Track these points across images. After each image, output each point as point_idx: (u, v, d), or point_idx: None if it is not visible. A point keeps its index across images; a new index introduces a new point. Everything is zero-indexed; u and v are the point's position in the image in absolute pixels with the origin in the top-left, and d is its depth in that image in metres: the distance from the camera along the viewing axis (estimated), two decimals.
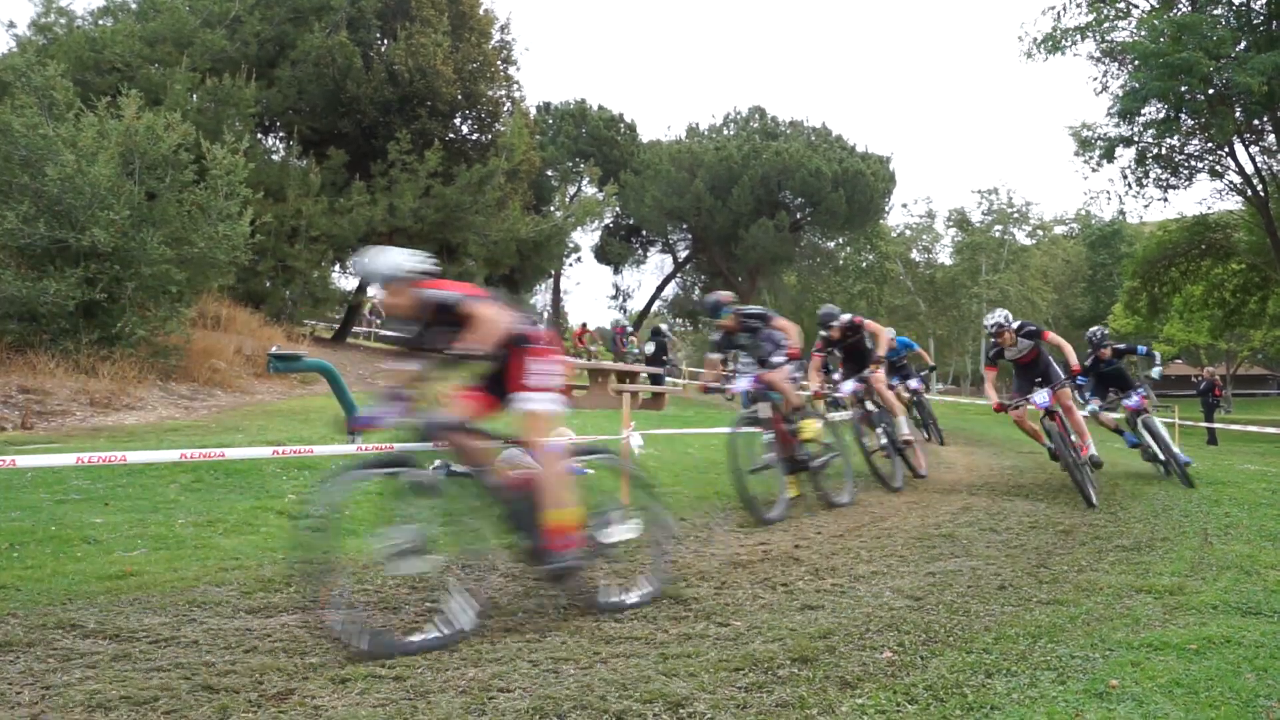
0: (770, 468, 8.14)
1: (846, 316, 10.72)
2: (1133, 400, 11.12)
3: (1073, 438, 9.21)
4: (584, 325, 32.45)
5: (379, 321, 29.22)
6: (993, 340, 9.71)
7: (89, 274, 12.74)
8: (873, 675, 3.70)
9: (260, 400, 14.91)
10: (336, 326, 27.50)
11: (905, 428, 10.56)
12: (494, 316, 4.58)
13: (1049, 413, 9.07)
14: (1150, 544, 6.68)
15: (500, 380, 4.85)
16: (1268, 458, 15.60)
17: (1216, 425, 24.15)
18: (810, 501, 8.52)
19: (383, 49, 24.01)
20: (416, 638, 4.10)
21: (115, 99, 14.47)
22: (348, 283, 26.82)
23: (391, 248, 4.80)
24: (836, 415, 10.71)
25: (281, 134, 24.06)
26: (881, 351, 10.41)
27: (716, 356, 9.29)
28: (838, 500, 8.53)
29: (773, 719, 3.22)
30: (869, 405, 10.29)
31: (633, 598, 4.91)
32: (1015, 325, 9.59)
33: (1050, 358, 9.95)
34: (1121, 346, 11.89)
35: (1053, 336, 9.87)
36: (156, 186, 13.92)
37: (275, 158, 23.11)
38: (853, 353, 10.81)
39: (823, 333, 10.73)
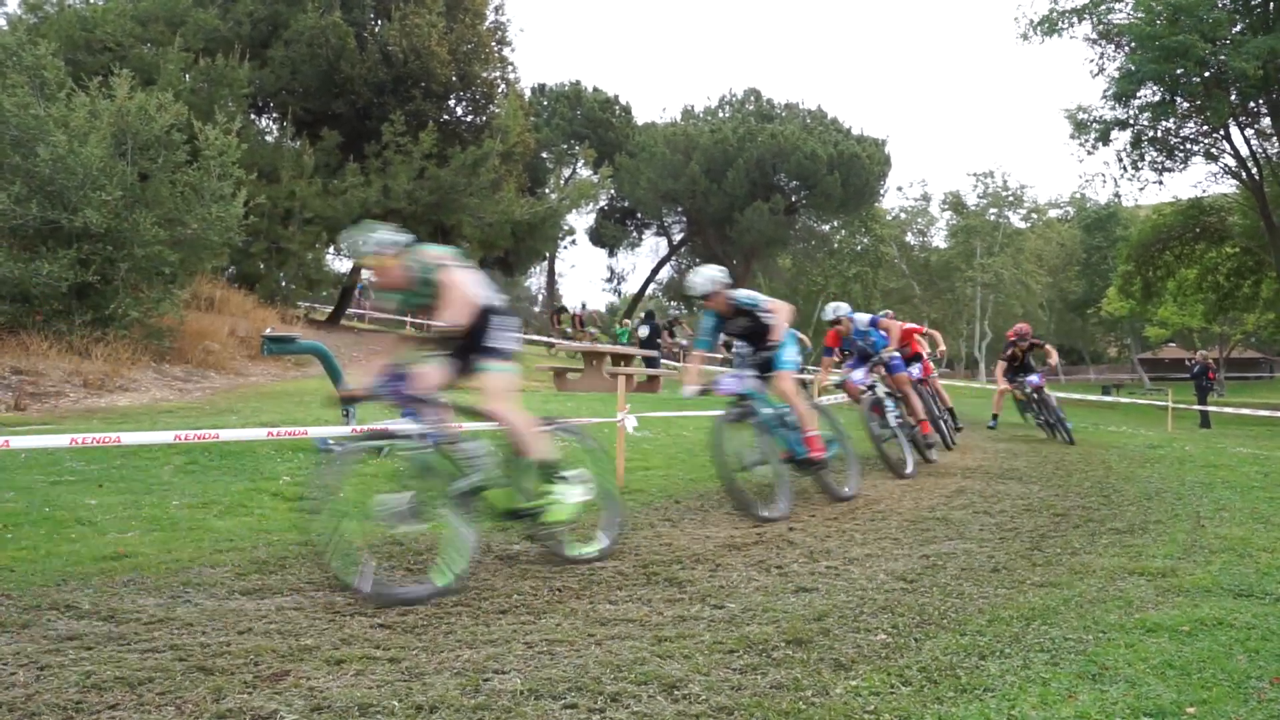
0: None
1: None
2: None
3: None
4: (583, 305, 32.38)
5: (368, 301, 29.09)
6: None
7: (82, 255, 12.69)
8: (867, 657, 3.71)
9: (254, 382, 14.89)
10: (331, 309, 27.44)
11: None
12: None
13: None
14: (1143, 527, 6.70)
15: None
16: (1260, 441, 15.65)
17: (1210, 408, 24.22)
18: (811, 494, 8.52)
19: (377, 29, 23.85)
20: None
21: (107, 79, 14.38)
22: (341, 265, 26.76)
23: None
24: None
25: (275, 115, 23.92)
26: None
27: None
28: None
29: (767, 701, 3.23)
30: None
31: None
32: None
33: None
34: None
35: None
36: (149, 167, 13.86)
37: (269, 139, 23.00)
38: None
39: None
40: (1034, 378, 14.04)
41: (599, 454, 6.17)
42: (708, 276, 7.70)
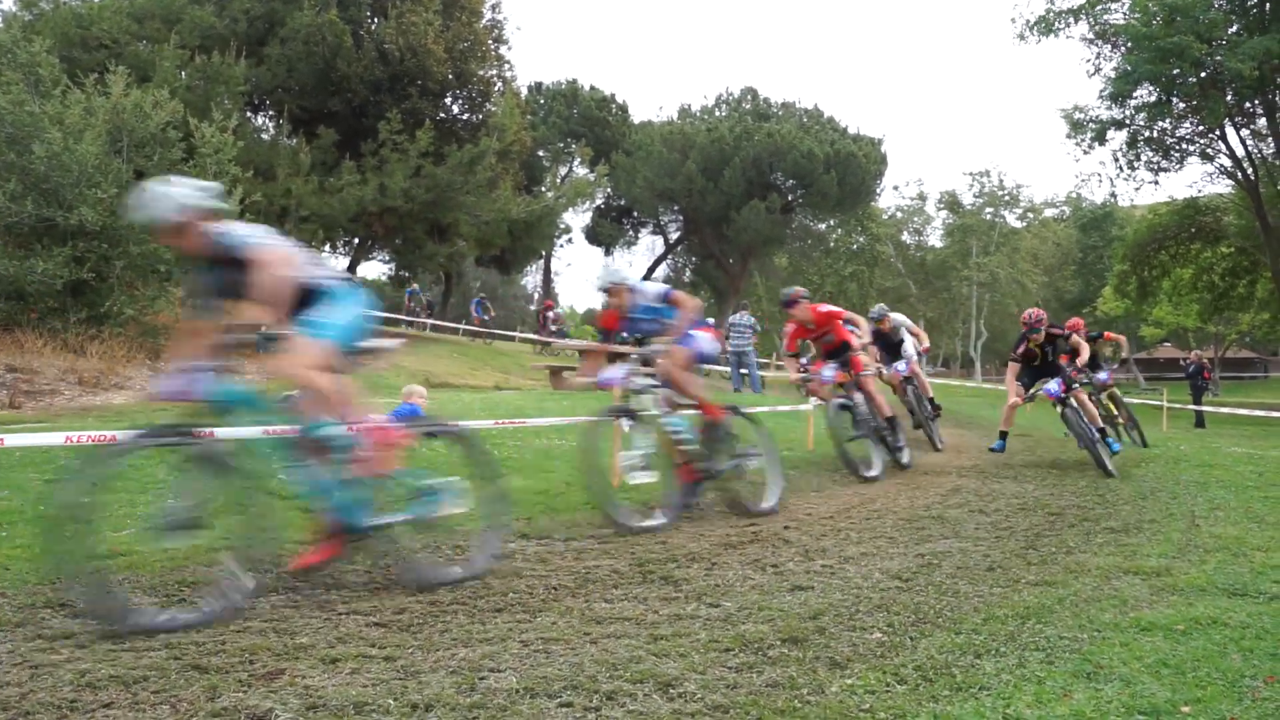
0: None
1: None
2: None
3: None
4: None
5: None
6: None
7: (77, 253, 12.66)
8: (862, 656, 3.71)
9: (250, 380, 14.85)
10: None
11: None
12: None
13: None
14: (1138, 526, 6.72)
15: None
16: (1255, 440, 15.68)
17: (1205, 408, 24.26)
18: (804, 491, 8.52)
19: (373, 27, 23.85)
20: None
21: (102, 76, 14.36)
22: (338, 263, 26.70)
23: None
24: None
25: (271, 112, 23.94)
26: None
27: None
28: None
29: (763, 699, 3.23)
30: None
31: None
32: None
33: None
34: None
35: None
36: (145, 165, 13.82)
37: (265, 136, 23.00)
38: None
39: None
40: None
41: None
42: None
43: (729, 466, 7.15)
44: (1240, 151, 31.01)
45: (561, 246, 45.24)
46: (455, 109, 25.83)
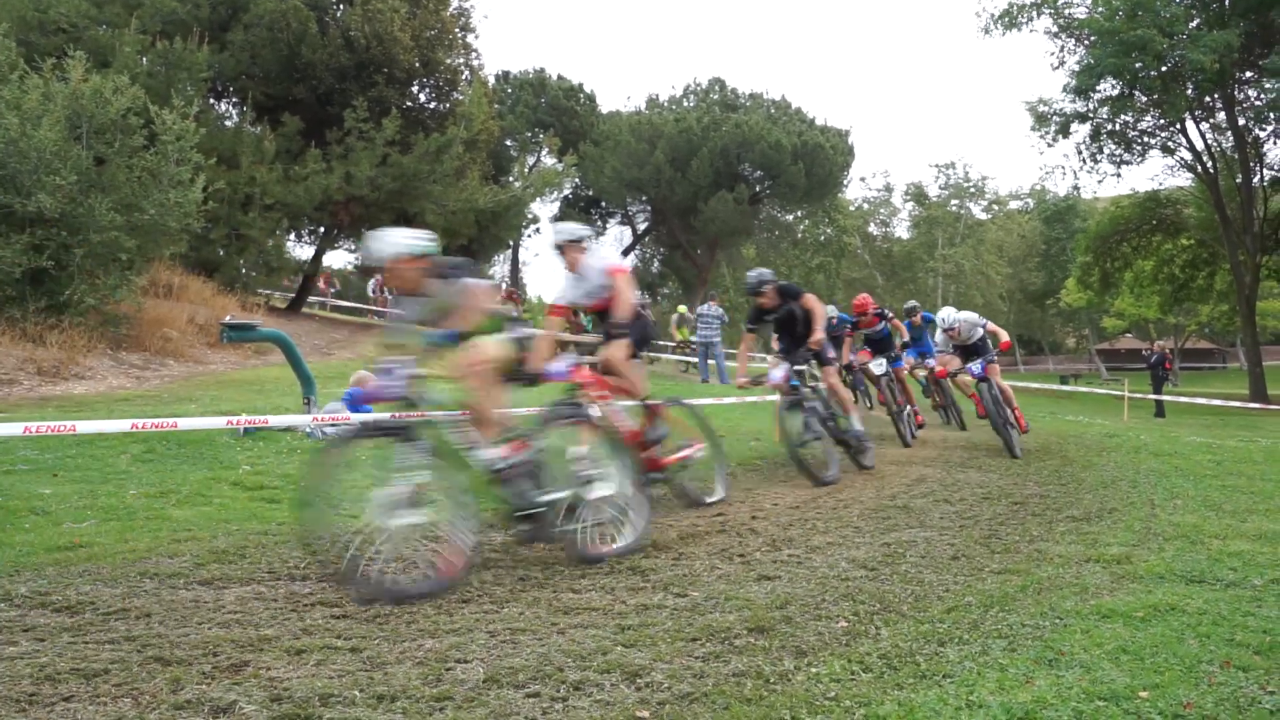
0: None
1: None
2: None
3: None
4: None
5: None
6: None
7: (36, 240, 12.45)
8: (828, 644, 3.74)
9: (214, 370, 14.72)
10: (292, 296, 27.16)
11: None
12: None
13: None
14: (1099, 515, 6.80)
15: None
16: (1213, 430, 15.94)
17: (1165, 398, 24.62)
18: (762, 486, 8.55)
19: (338, 14, 23.55)
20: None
21: (61, 61, 14.11)
22: (303, 251, 26.48)
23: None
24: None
25: (235, 99, 23.59)
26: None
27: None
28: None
29: (730, 688, 3.25)
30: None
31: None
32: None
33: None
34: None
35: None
36: (105, 151, 13.62)
37: (228, 123, 22.67)
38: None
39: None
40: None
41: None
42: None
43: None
44: (1200, 145, 31.54)
45: (529, 237, 45.02)
46: (422, 97, 25.60)
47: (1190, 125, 31.35)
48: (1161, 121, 31.51)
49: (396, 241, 5.00)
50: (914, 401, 12.50)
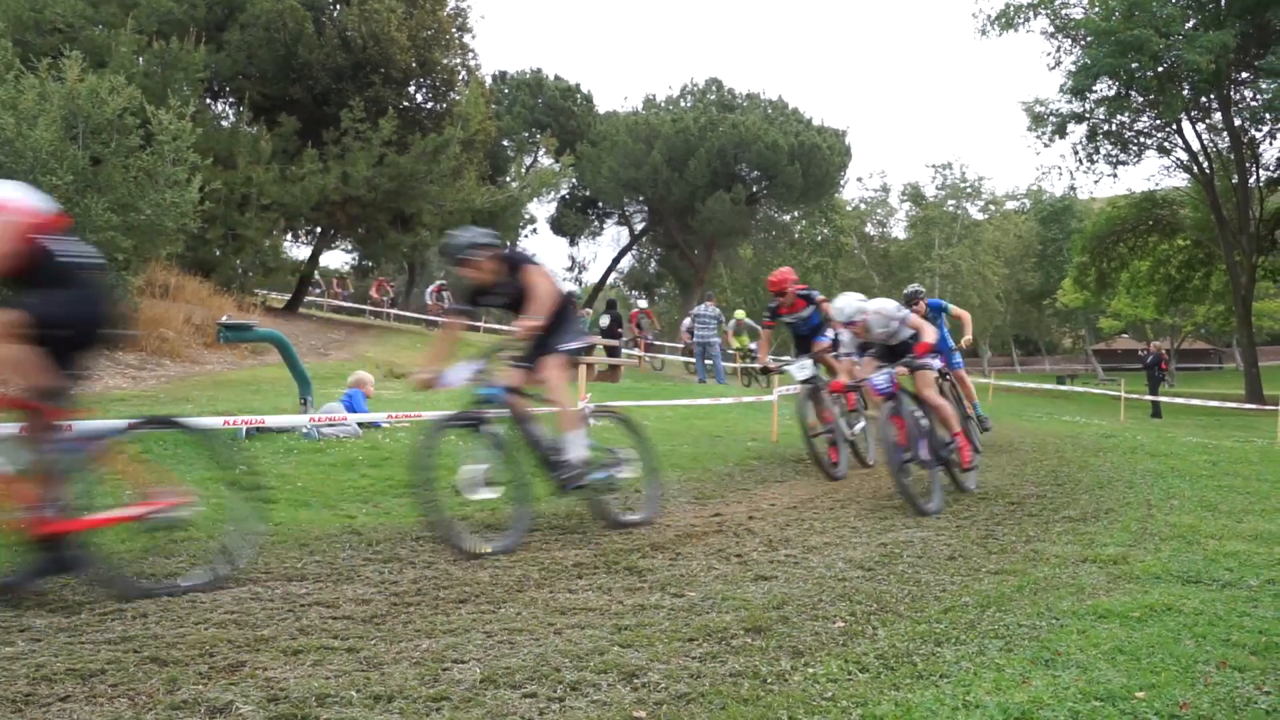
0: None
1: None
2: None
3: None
4: None
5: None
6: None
7: None
8: (825, 644, 3.74)
9: (210, 370, 14.70)
10: (289, 296, 27.13)
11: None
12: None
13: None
14: (1096, 515, 6.82)
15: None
16: (1209, 430, 15.97)
17: (1161, 399, 24.65)
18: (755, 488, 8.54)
19: (335, 14, 23.53)
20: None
21: (57, 61, 14.07)
22: (299, 251, 26.46)
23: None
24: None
25: (231, 99, 23.57)
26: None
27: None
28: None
29: (726, 688, 3.25)
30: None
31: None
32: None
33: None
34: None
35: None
36: (101, 151, 13.58)
37: (225, 124, 22.64)
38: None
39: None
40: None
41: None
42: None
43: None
44: (1196, 145, 31.60)
45: (526, 237, 44.86)
46: (419, 98, 25.59)
47: (1186, 126, 31.43)
48: (1157, 122, 31.55)
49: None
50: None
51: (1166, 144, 32.32)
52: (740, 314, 22.98)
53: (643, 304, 34.52)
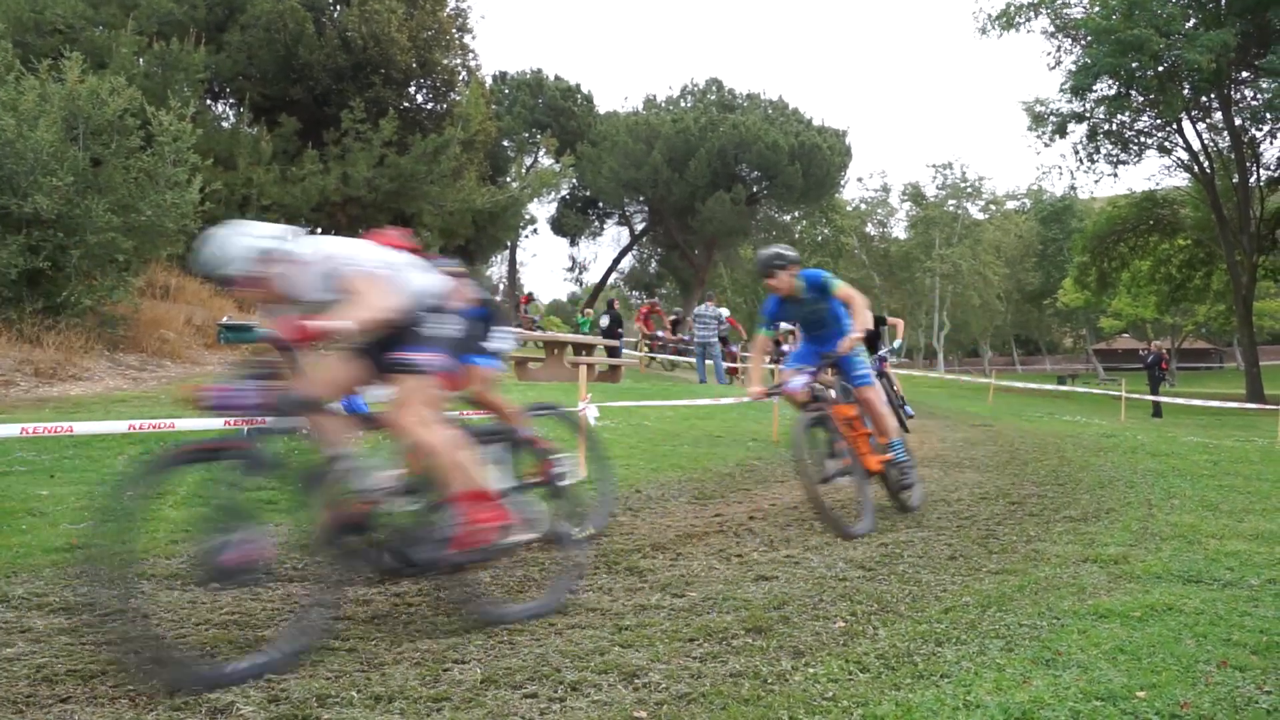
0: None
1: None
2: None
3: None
4: (528, 295, 32.08)
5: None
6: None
7: (32, 242, 12.41)
8: (825, 645, 3.74)
9: (211, 371, 14.69)
10: None
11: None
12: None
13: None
14: (1097, 515, 6.81)
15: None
16: (1210, 430, 15.96)
17: (1162, 398, 24.65)
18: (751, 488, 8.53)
19: (335, 15, 23.54)
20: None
21: (57, 61, 14.08)
22: None
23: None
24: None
25: (232, 100, 23.58)
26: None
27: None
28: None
29: (727, 688, 3.25)
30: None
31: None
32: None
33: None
34: None
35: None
36: (102, 153, 13.59)
37: (225, 124, 22.64)
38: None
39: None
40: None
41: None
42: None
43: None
44: (1196, 145, 31.60)
45: (527, 237, 44.97)
46: (419, 98, 25.61)
47: (1187, 125, 31.44)
48: (1158, 121, 31.56)
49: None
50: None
51: (1167, 143, 32.35)
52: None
53: (651, 300, 33.89)
